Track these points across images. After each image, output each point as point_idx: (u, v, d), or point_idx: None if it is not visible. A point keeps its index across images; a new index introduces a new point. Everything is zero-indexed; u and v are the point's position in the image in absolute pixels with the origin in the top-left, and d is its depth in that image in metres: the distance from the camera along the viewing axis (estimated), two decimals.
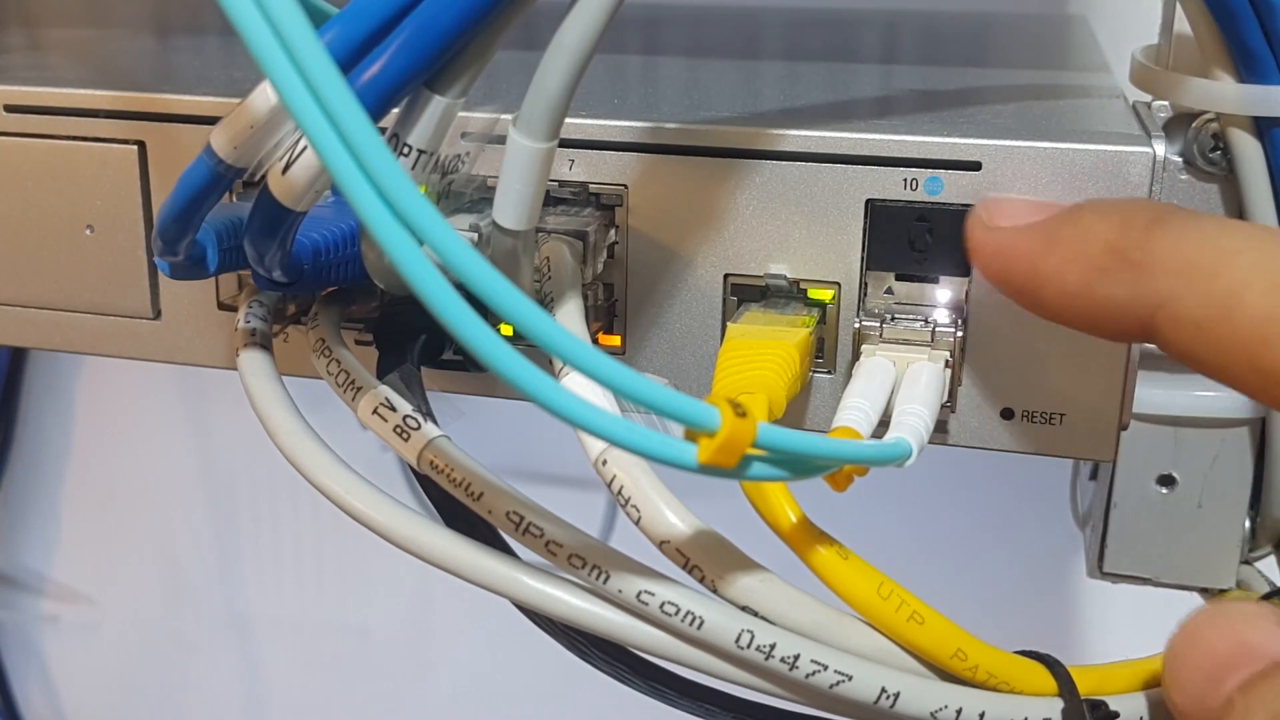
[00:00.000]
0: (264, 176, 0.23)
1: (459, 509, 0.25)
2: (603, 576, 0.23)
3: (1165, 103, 0.29)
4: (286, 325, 0.30)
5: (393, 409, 0.25)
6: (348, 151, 0.17)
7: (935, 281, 0.28)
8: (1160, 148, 0.27)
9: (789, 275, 0.28)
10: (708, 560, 0.23)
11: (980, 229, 0.25)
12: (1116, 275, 0.22)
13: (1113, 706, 0.24)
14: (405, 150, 0.23)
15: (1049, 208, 0.24)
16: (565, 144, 0.28)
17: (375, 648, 0.82)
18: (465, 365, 0.29)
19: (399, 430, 0.25)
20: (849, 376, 0.27)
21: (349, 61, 0.21)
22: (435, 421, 0.26)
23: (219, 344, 0.32)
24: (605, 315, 0.30)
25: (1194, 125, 0.27)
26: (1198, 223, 0.22)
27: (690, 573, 0.23)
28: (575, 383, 0.23)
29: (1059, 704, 0.24)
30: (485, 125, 0.28)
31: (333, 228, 0.27)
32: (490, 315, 0.17)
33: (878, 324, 0.27)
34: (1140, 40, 0.31)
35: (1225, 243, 0.21)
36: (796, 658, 0.23)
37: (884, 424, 0.25)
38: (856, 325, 0.28)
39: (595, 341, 0.29)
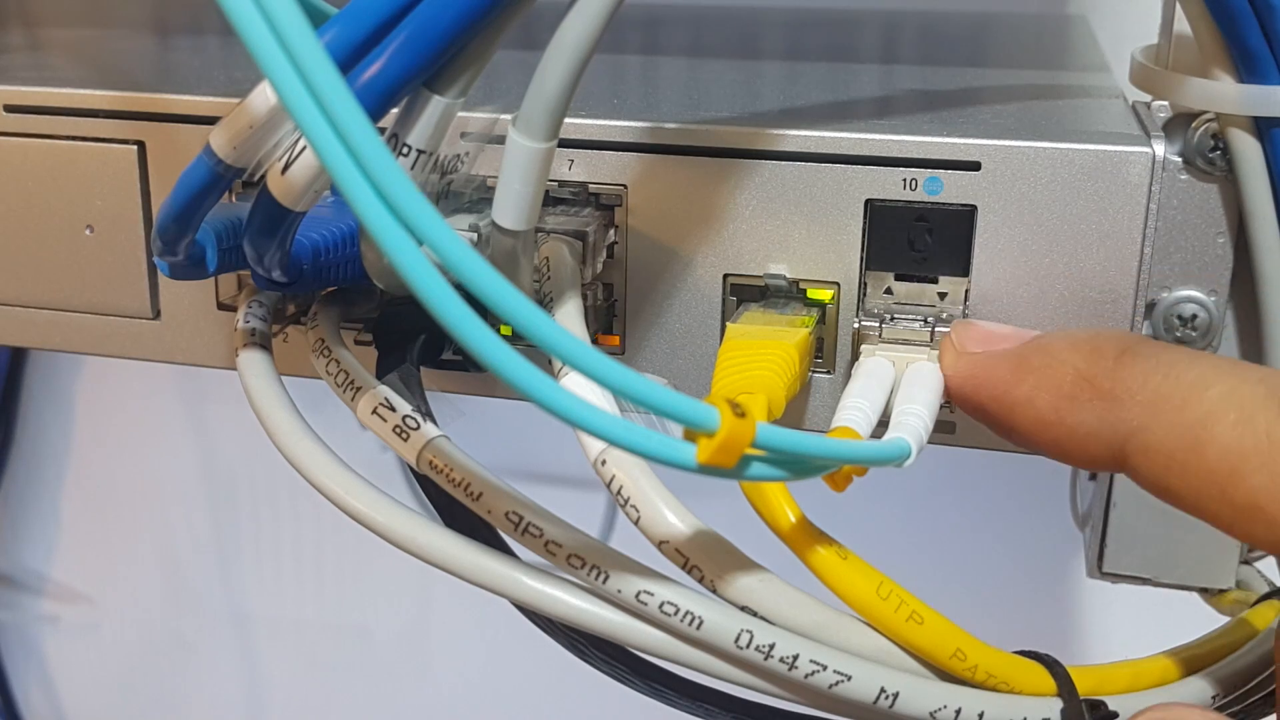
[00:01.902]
0: (264, 176, 0.23)
1: (459, 509, 0.25)
2: (602, 576, 0.23)
3: (1165, 103, 0.29)
4: (286, 325, 0.30)
5: (392, 409, 0.25)
6: (347, 151, 0.17)
7: (935, 281, 0.28)
8: (1160, 148, 0.27)
9: (788, 275, 0.28)
10: (707, 560, 0.23)
11: (951, 353, 0.25)
12: (1086, 404, 0.23)
13: (1112, 706, 0.24)
14: (405, 150, 0.23)
15: (1020, 335, 0.25)
16: (565, 144, 0.28)
17: (375, 648, 0.82)
18: (465, 365, 0.29)
19: (398, 430, 0.25)
20: (848, 376, 0.27)
21: (349, 61, 0.21)
22: (435, 421, 0.26)
23: (219, 344, 0.32)
24: (605, 315, 0.30)
25: (1194, 125, 0.27)
26: (1167, 354, 0.22)
27: (690, 573, 0.23)
28: (575, 383, 0.23)
29: (1058, 704, 0.24)
30: (485, 125, 0.28)
31: (333, 228, 0.27)
32: (490, 315, 0.17)
33: (877, 324, 0.27)
34: (1140, 40, 0.31)
35: (1194, 375, 0.22)
36: (796, 658, 0.23)
37: (883, 424, 0.25)
38: (856, 325, 0.28)
39: (595, 341, 0.29)
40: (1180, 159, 0.27)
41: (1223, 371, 0.22)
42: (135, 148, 0.31)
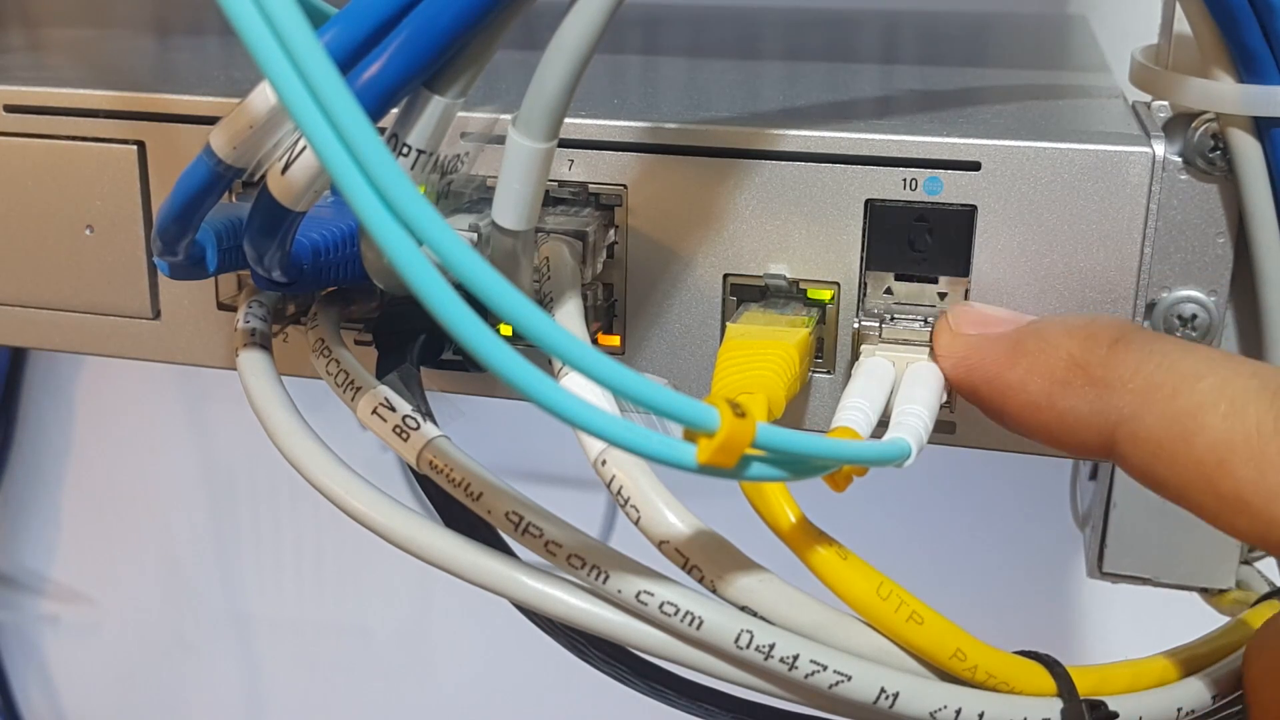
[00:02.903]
0: (263, 176, 0.23)
1: (459, 509, 0.25)
2: (602, 576, 0.23)
3: (1165, 103, 0.29)
4: (286, 325, 0.30)
5: (392, 409, 0.25)
6: (347, 152, 0.17)
7: (935, 281, 0.28)
8: (1160, 148, 0.27)
9: (788, 275, 0.28)
10: (707, 560, 0.23)
11: (947, 334, 0.25)
12: (1078, 389, 0.23)
13: (1112, 706, 0.24)
14: (405, 150, 0.23)
15: (1016, 319, 0.25)
16: (565, 144, 0.28)
17: (375, 648, 0.82)
18: (465, 365, 0.29)
19: (398, 430, 0.25)
20: (848, 376, 0.27)
21: (349, 61, 0.21)
22: (435, 421, 0.26)
23: (219, 344, 0.32)
24: (605, 315, 0.30)
25: (1194, 125, 0.27)
26: (1161, 344, 0.22)
27: (690, 573, 0.23)
28: (575, 383, 0.23)
29: (1058, 704, 0.24)
30: (485, 125, 0.28)
31: (333, 228, 0.27)
32: (490, 315, 0.17)
33: (877, 324, 0.27)
34: (1140, 40, 0.31)
35: (1187, 365, 0.22)
36: (796, 658, 0.23)
37: (883, 424, 0.25)
38: (856, 325, 0.28)
39: (595, 341, 0.29)
40: (1180, 159, 0.27)
41: (1215, 363, 0.22)
42: (135, 148, 0.31)
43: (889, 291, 0.28)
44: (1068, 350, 0.23)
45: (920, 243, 0.27)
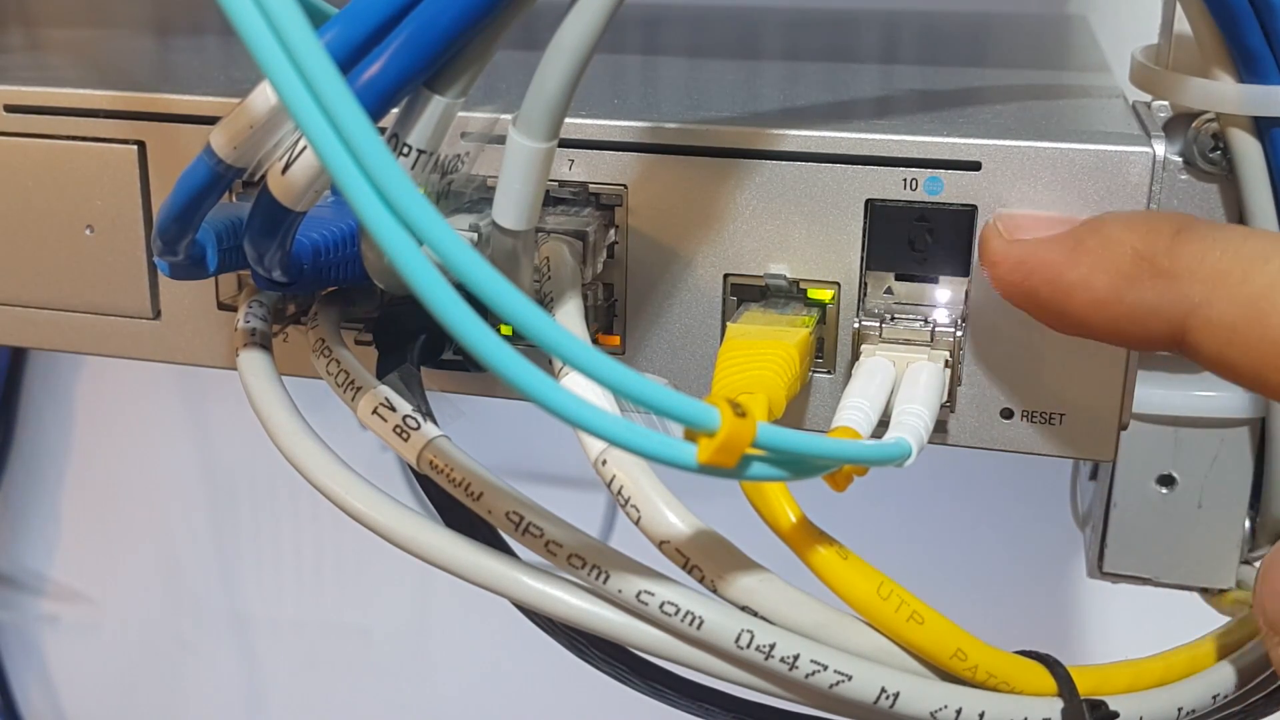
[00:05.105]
0: (264, 176, 0.23)
1: (459, 509, 0.25)
2: (602, 576, 0.23)
3: (1165, 103, 0.29)
4: (286, 325, 0.30)
5: (392, 409, 0.25)
6: (347, 151, 0.17)
7: (935, 281, 0.28)
8: (1160, 148, 0.27)
9: (789, 275, 0.28)
10: (707, 560, 0.23)
11: (998, 241, 0.25)
12: (1146, 282, 0.23)
13: (1112, 706, 0.24)
14: (405, 150, 0.23)
15: (1067, 221, 0.25)
16: (565, 144, 0.28)
17: (375, 648, 0.82)
18: (465, 365, 0.29)
19: (399, 430, 0.25)
20: (849, 376, 0.27)
21: (349, 61, 0.21)
22: (435, 421, 0.26)
23: (219, 344, 0.32)
24: (605, 315, 0.30)
25: (1194, 125, 0.27)
26: (1223, 231, 0.23)
27: (690, 573, 0.23)
28: (575, 383, 0.23)
29: (1059, 704, 0.24)
30: (485, 125, 0.28)
31: (333, 228, 0.27)
32: (490, 315, 0.17)
33: (877, 324, 0.27)
34: (1140, 40, 0.31)
35: (1252, 249, 0.22)
36: (796, 658, 0.23)
37: (884, 424, 0.25)
38: (856, 325, 0.28)
39: (595, 341, 0.29)
40: (1180, 159, 0.27)
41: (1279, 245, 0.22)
42: (135, 148, 0.31)
43: (889, 291, 0.28)
44: (1130, 244, 0.23)
45: (920, 242, 0.27)
